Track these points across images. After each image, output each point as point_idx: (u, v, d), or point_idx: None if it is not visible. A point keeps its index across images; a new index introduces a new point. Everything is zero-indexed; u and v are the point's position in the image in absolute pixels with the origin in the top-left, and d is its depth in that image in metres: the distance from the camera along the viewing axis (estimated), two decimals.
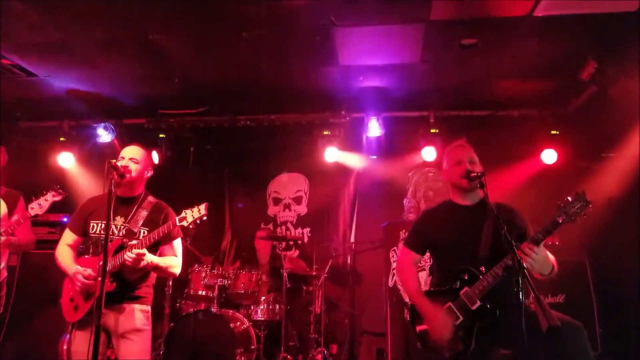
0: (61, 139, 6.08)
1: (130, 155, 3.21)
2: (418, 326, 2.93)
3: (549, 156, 5.59)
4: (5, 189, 3.95)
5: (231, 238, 6.70)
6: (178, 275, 5.07)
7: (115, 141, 5.83)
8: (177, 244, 3.24)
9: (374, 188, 6.43)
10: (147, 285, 3.19)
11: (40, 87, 5.16)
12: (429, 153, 5.65)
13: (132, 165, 3.17)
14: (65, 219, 5.44)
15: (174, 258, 3.20)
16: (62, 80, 5.05)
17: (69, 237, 3.26)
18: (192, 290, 5.11)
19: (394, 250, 5.37)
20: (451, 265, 2.90)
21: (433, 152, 5.63)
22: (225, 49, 4.40)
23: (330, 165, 6.12)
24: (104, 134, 5.83)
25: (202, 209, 2.94)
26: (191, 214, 2.94)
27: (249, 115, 5.84)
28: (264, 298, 5.20)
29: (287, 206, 6.76)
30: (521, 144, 5.80)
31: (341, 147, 5.86)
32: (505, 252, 2.63)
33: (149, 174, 3.31)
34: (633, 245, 4.94)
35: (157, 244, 3.14)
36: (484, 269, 2.75)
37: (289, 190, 6.82)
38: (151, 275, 3.22)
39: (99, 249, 3.09)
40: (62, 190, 3.71)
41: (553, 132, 5.61)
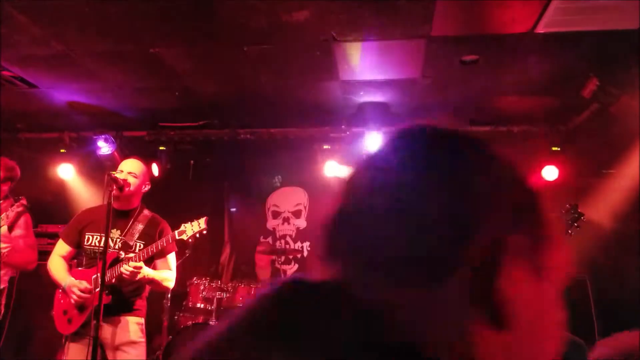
0: (62, 150, 6.10)
1: (130, 169, 3.21)
2: None
3: (549, 172, 5.57)
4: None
5: (230, 251, 6.67)
6: (175, 289, 5.06)
7: (116, 153, 5.83)
8: (171, 258, 3.23)
9: None
10: (142, 298, 3.18)
11: (42, 99, 5.18)
12: None
13: (131, 179, 3.17)
14: None
15: (168, 272, 3.19)
16: (64, 92, 5.07)
17: (62, 249, 3.24)
18: (191, 302, 5.07)
19: None
20: None
21: None
22: (226, 63, 4.42)
23: (330, 179, 6.11)
24: (104, 146, 5.83)
25: (202, 222, 2.94)
26: (191, 228, 2.94)
27: (249, 129, 5.85)
28: None
29: (287, 220, 6.74)
30: (522, 160, 5.77)
31: (341, 162, 5.85)
32: None
33: (147, 188, 3.31)
34: (634, 263, 4.91)
35: (152, 257, 3.12)
36: None
37: (289, 204, 6.79)
38: (145, 287, 3.20)
39: (93, 261, 3.07)
40: (25, 200, 3.71)
41: (554, 149, 5.61)
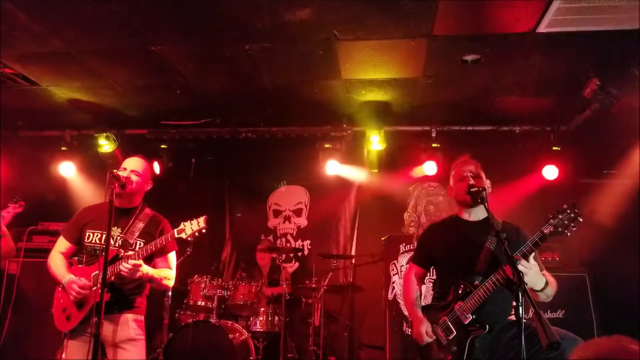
0: (63, 148, 6.09)
1: (133, 167, 3.20)
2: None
3: (550, 172, 5.59)
4: None
5: (231, 249, 6.68)
6: (176, 286, 5.07)
7: (117, 151, 5.84)
8: (172, 256, 3.23)
9: (374, 202, 6.43)
10: (142, 296, 3.18)
11: (43, 97, 5.18)
12: (430, 167, 5.65)
13: (134, 177, 3.16)
14: None
15: (168, 270, 3.19)
16: (65, 90, 5.07)
17: (62, 245, 3.24)
18: (192, 300, 5.08)
19: (394, 264, 5.35)
20: (450, 280, 2.91)
21: (434, 167, 5.63)
22: (228, 62, 4.42)
23: (331, 178, 6.13)
24: (105, 144, 5.84)
25: (202, 221, 2.93)
26: (190, 227, 2.93)
27: (250, 127, 5.86)
28: (263, 309, 5.18)
29: (287, 218, 6.75)
30: (522, 159, 5.80)
31: (342, 161, 5.87)
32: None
33: (149, 187, 3.31)
34: (633, 261, 4.93)
35: (151, 256, 3.13)
36: (478, 284, 2.73)
37: (290, 203, 6.81)
38: (146, 286, 3.21)
39: (93, 258, 3.07)
40: (23, 202, 3.76)
41: (554, 149, 5.62)
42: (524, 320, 2.24)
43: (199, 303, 5.05)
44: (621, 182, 5.28)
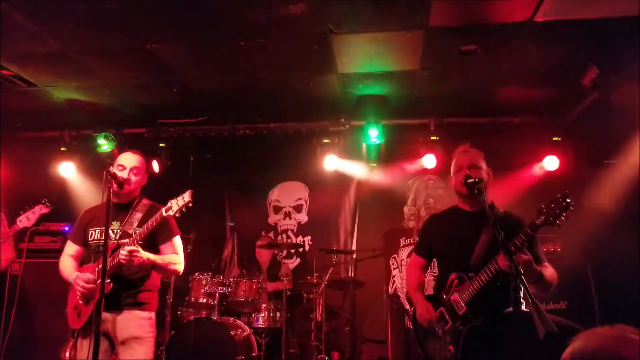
0: (62, 148, 6.11)
1: (132, 165, 3.18)
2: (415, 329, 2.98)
3: (550, 163, 5.57)
4: None
5: (232, 247, 6.68)
6: (177, 284, 5.08)
7: (116, 150, 5.83)
8: (177, 241, 3.19)
9: (374, 196, 6.40)
10: (150, 290, 3.14)
11: (41, 98, 5.19)
12: (429, 160, 5.62)
13: (134, 176, 3.16)
14: (67, 228, 5.44)
15: (173, 255, 3.14)
16: (62, 91, 5.07)
17: (70, 248, 3.28)
18: (193, 298, 5.08)
19: (394, 258, 5.33)
20: (448, 271, 2.90)
21: (433, 160, 5.60)
22: (223, 58, 4.40)
23: (330, 173, 6.11)
24: (104, 144, 5.84)
25: (187, 195, 2.90)
26: (176, 203, 2.90)
27: (248, 124, 5.85)
28: (264, 305, 5.18)
29: (288, 214, 6.74)
30: (522, 150, 5.77)
31: (341, 155, 5.85)
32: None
33: (145, 182, 3.31)
34: (635, 251, 4.89)
35: (155, 243, 3.11)
36: (474, 274, 2.72)
37: (289, 199, 6.80)
38: (153, 278, 3.16)
39: (98, 255, 3.07)
40: (50, 203, 3.77)
41: (555, 139, 5.60)
42: (522, 311, 2.22)
43: (201, 300, 5.05)
44: (622, 172, 5.23)
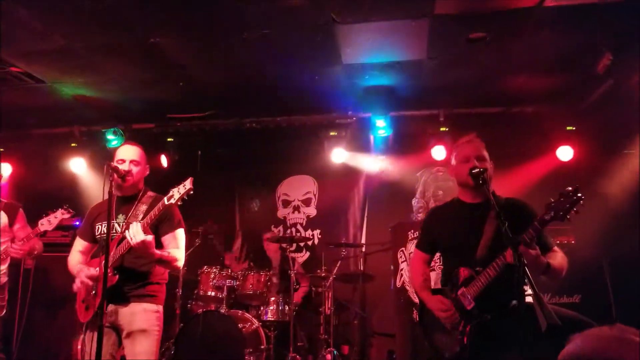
0: (73, 144, 6.17)
1: (132, 158, 3.19)
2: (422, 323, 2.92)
3: (564, 153, 5.45)
4: (6, 201, 4.10)
5: (242, 241, 6.69)
6: (186, 277, 5.09)
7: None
8: (180, 234, 3.16)
9: (383, 189, 6.33)
10: (157, 283, 3.12)
11: (50, 94, 5.22)
12: (438, 152, 5.54)
13: (134, 168, 3.16)
14: (77, 223, 5.50)
15: (176, 250, 3.10)
16: (70, 87, 5.10)
17: (79, 244, 3.30)
18: (202, 291, 5.11)
19: (402, 251, 5.26)
20: (453, 264, 2.82)
21: (443, 151, 5.51)
22: (226, 51, 4.37)
23: (338, 166, 6.07)
24: (113, 139, 5.88)
25: (188, 183, 2.87)
26: (177, 191, 2.88)
27: (254, 118, 5.82)
28: (273, 299, 5.17)
29: (297, 208, 6.72)
30: (535, 140, 5.65)
31: (348, 148, 5.80)
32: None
33: (147, 172, 3.31)
34: None
35: (158, 234, 3.10)
36: (481, 269, 2.64)
37: (298, 192, 6.77)
38: (160, 271, 3.15)
39: (104, 249, 3.07)
40: (71, 209, 3.88)
41: (569, 128, 5.47)
42: (527, 303, 2.15)
43: (209, 293, 5.07)
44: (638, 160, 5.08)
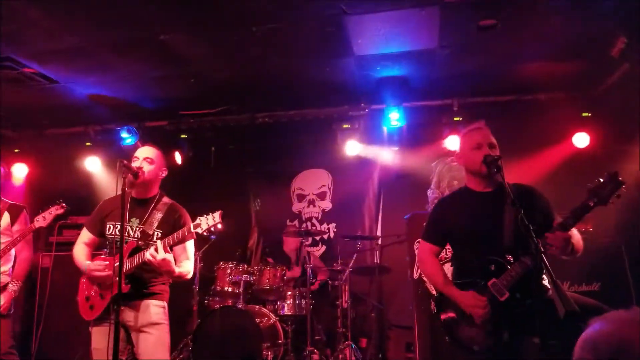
0: (87, 144, 6.23)
1: (145, 155, 3.22)
2: (443, 315, 2.82)
3: (580, 139, 5.37)
4: (10, 202, 4.13)
5: (257, 236, 6.71)
6: (203, 273, 5.12)
7: (139, 143, 5.91)
8: (190, 245, 3.22)
9: (397, 180, 6.29)
10: (163, 283, 3.18)
11: (63, 94, 5.26)
12: (453, 142, 5.49)
13: (147, 166, 3.18)
14: None
15: (187, 263, 3.18)
16: (83, 86, 5.14)
17: (85, 236, 3.32)
18: (219, 287, 5.14)
19: (418, 242, 5.24)
20: (473, 255, 2.75)
21: (457, 141, 5.45)
22: (236, 45, 4.36)
23: (352, 158, 6.05)
24: (127, 137, 5.92)
25: (217, 216, 2.92)
26: (205, 222, 2.93)
27: (267, 113, 5.82)
28: (290, 293, 5.19)
29: (312, 202, 6.72)
30: (550, 128, 5.56)
31: (362, 140, 5.77)
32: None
33: (164, 174, 3.32)
34: None
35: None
36: (512, 258, 2.60)
37: (313, 186, 6.76)
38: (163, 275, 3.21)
39: (114, 250, 3.10)
40: (65, 204, 3.91)
41: (584, 115, 5.38)
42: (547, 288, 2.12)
43: (226, 289, 5.10)
44: None
